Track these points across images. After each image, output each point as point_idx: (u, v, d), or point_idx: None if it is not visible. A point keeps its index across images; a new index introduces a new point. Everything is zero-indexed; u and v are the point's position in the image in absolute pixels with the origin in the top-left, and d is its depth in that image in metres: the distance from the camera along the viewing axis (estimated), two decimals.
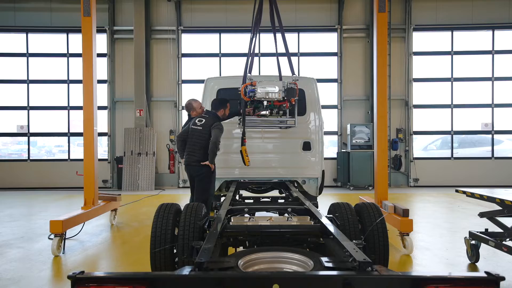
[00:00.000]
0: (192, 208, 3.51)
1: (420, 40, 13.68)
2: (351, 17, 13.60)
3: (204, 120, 5.59)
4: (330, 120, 13.44)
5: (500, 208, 4.39)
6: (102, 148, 13.95)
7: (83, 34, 6.37)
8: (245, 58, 5.68)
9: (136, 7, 13.16)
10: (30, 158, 13.79)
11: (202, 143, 5.48)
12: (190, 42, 13.88)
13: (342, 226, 3.43)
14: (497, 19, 13.40)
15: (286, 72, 5.90)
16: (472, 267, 4.60)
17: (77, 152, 13.80)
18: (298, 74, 12.92)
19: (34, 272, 4.52)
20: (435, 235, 6.24)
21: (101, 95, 13.31)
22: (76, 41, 13.61)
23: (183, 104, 13.49)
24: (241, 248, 3.39)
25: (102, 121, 13.48)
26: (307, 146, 6.63)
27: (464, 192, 4.83)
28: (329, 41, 13.78)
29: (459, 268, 4.60)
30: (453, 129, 13.62)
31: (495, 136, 13.61)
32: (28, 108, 13.74)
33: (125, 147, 12.99)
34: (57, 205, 9.78)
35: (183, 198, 10.49)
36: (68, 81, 13.68)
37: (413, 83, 13.53)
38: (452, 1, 13.48)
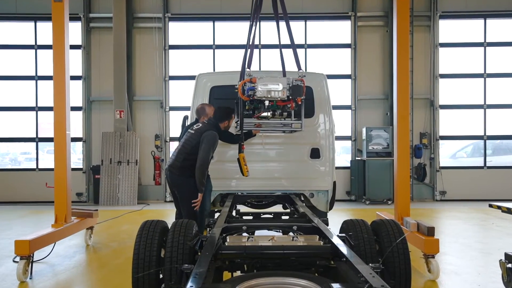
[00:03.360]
0: (181, 226, 3.52)
1: (448, 29, 13.73)
2: (367, 3, 13.66)
3: (200, 125, 5.62)
4: (342, 122, 13.46)
5: None
6: (76, 156, 13.95)
7: (53, 22, 6.40)
8: (243, 50, 5.71)
9: None
10: None
11: (186, 149, 5.47)
12: (179, 31, 13.93)
13: (357, 247, 3.45)
14: None
15: (291, 67, 5.93)
16: None
17: (47, 160, 13.80)
18: (305, 69, 12.96)
19: None
20: (465, 258, 6.24)
21: (75, 93, 13.31)
22: (45, 31, 13.64)
23: (171, 105, 13.68)
24: (238, 273, 3.40)
25: (76, 124, 13.49)
26: (315, 154, 6.65)
27: (499, 207, 4.84)
28: (341, 30, 13.83)
29: None
30: (486, 134, 13.63)
31: None
32: None
33: (103, 154, 13.00)
34: (23, 222, 9.76)
35: (170, 214, 10.46)
36: (36, 77, 13.71)
37: (440, 79, 13.56)
38: None
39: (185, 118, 6.83)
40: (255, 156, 6.61)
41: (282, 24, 5.73)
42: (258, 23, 5.90)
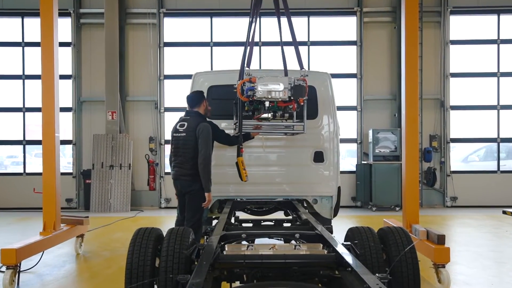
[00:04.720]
0: (177, 233, 3.52)
1: (459, 25, 13.74)
2: None
3: (186, 124, 5.60)
4: (347, 124, 13.47)
5: None
6: (66, 160, 13.96)
7: (41, 18, 6.41)
8: (243, 48, 5.72)
9: None
10: None
11: (189, 153, 5.50)
12: (174, 28, 13.95)
13: (363, 256, 3.45)
14: None
15: (293, 65, 5.94)
16: None
17: (35, 164, 13.80)
18: (308, 68, 12.97)
19: None
20: (478, 267, 6.24)
21: (65, 93, 13.33)
22: (33, 27, 13.67)
23: (166, 105, 13.69)
24: (237, 283, 3.40)
25: (66, 126, 13.49)
26: (319, 157, 6.65)
27: None
28: (346, 27, 13.86)
29: None
30: (500, 136, 13.63)
31: None
32: None
33: (94, 158, 13.00)
34: (9, 230, 9.76)
35: (166, 221, 10.49)
36: (24, 77, 13.72)
37: (451, 78, 13.57)
38: None
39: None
40: (255, 160, 6.62)
41: (284, 20, 5.75)
42: (258, 19, 5.92)
